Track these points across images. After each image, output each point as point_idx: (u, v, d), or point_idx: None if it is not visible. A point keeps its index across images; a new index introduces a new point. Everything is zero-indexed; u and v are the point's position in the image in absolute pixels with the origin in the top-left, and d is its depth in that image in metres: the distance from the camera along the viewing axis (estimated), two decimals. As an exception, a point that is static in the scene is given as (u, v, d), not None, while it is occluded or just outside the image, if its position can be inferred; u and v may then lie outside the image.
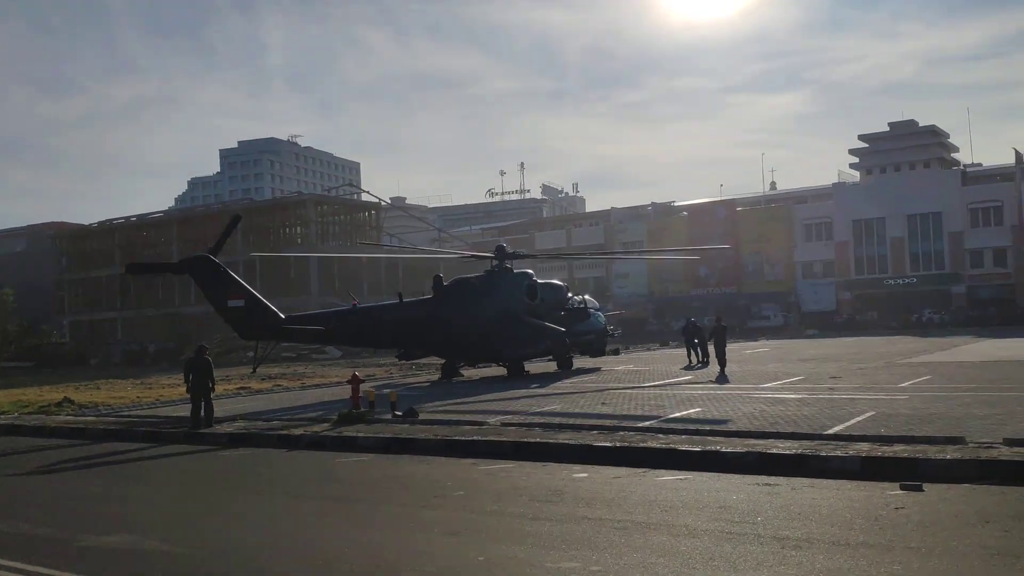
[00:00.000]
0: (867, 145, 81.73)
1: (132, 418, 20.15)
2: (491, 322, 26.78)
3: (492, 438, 13.57)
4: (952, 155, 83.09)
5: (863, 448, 10.92)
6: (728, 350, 26.69)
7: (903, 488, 9.23)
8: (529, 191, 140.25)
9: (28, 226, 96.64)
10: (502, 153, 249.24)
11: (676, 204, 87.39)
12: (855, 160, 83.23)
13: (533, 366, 29.76)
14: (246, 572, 7.41)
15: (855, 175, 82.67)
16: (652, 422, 14.35)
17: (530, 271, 29.69)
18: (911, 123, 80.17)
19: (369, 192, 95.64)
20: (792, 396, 17.53)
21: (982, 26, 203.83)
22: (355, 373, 19.03)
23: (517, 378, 26.31)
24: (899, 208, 68.52)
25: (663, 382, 22.99)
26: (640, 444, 12.18)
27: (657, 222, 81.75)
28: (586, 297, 32.11)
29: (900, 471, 9.89)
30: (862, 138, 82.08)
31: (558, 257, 64.61)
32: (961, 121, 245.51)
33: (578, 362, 30.66)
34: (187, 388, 17.71)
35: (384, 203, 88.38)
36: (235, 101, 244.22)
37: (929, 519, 8.00)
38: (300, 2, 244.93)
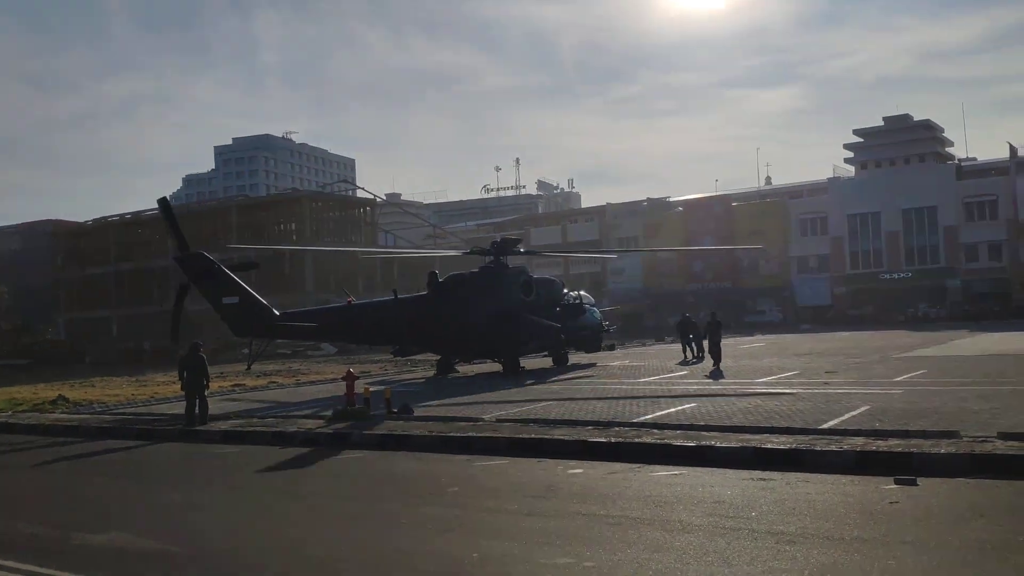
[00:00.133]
0: (862, 140, 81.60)
1: (126, 416, 20.11)
2: (486, 318, 26.76)
3: (487, 434, 13.57)
4: (947, 149, 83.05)
5: (858, 443, 10.93)
6: (723, 345, 26.75)
7: (898, 483, 9.25)
8: (525, 187, 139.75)
9: (23, 224, 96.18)
10: (497, 149, 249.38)
11: (671, 199, 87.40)
12: (850, 155, 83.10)
13: (529, 362, 29.76)
14: (239, 570, 7.39)
15: (850, 169, 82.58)
16: (647, 417, 14.36)
17: (525, 267, 29.70)
18: (906, 117, 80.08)
19: (364, 188, 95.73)
20: (787, 391, 17.54)
21: (976, 20, 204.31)
22: (350, 370, 19.02)
23: (513, 374, 26.30)
24: (894, 203, 68.62)
25: (658, 377, 23.01)
26: (635, 439, 12.18)
27: (653, 217, 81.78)
28: (581, 293, 32.12)
29: (895, 466, 9.90)
30: (857, 132, 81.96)
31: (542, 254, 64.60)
32: (956, 115, 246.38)
33: (573, 358, 30.67)
34: (181, 386, 17.74)
35: (379, 199, 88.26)
36: (230, 98, 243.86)
37: (923, 513, 8.01)
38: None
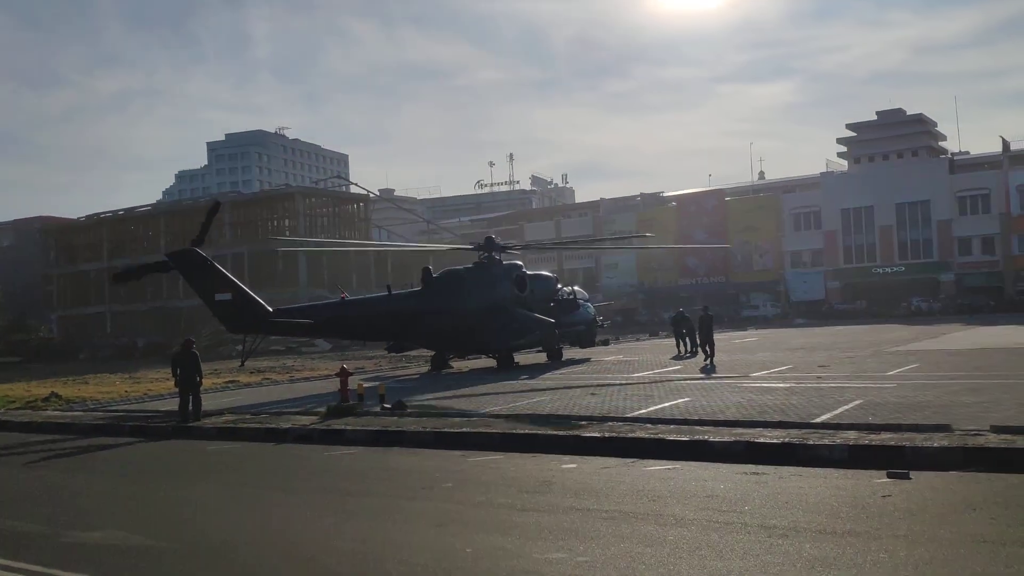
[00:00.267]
0: (855, 134, 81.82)
1: (120, 413, 20.08)
2: (480, 314, 26.76)
3: (481, 430, 13.56)
4: (940, 143, 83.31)
5: (850, 436, 10.95)
6: (716, 340, 26.76)
7: (890, 476, 9.27)
8: (518, 182, 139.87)
9: (15, 220, 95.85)
10: (491, 144, 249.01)
11: (665, 194, 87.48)
12: (843, 149, 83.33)
13: (523, 357, 29.75)
14: (233, 566, 7.38)
15: (843, 164, 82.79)
16: (640, 412, 14.38)
17: (519, 262, 29.68)
18: (899, 112, 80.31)
19: (357, 184, 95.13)
20: (780, 385, 17.57)
21: (969, 14, 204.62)
22: (344, 366, 18.99)
23: (507, 370, 26.31)
24: (887, 197, 68.77)
25: (652, 372, 23.03)
26: (628, 434, 12.18)
27: (646, 212, 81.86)
28: (575, 288, 32.17)
29: (887, 459, 9.92)
30: (850, 127, 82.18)
31: (542, 246, 64.61)
32: (949, 109, 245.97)
33: (568, 353, 30.70)
34: (175, 382, 17.69)
35: (373, 195, 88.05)
36: (221, 93, 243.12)
37: (916, 507, 8.03)
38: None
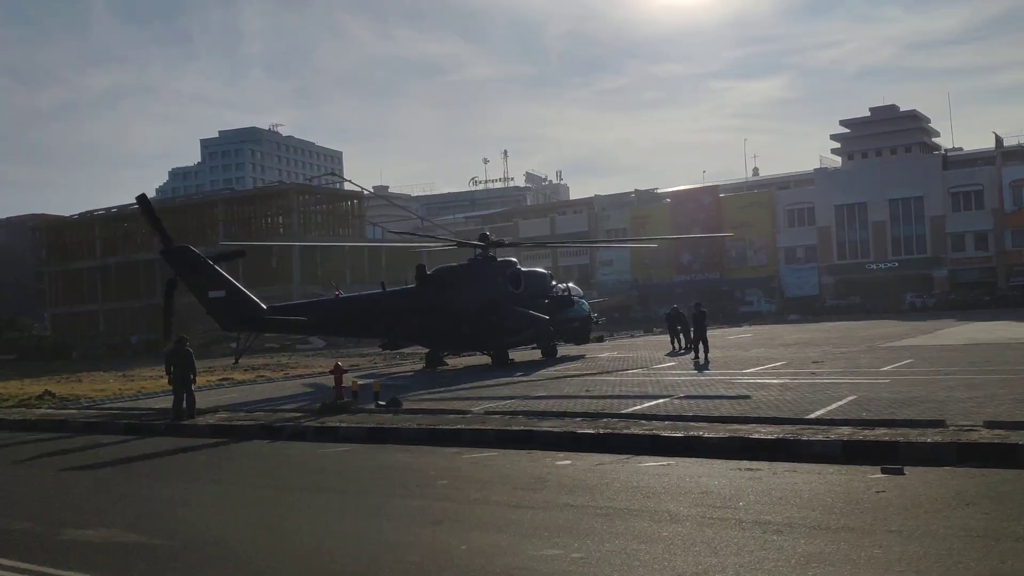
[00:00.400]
0: (848, 130, 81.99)
1: (113, 411, 20.01)
2: (475, 311, 26.73)
3: (475, 427, 13.56)
4: (933, 140, 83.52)
5: (844, 432, 10.97)
6: (710, 336, 26.80)
7: (884, 472, 9.28)
8: (513, 179, 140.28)
9: (7, 218, 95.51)
10: (485, 140, 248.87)
11: (659, 191, 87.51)
12: (837, 145, 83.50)
13: (517, 354, 29.74)
14: (227, 564, 7.35)
15: (837, 160, 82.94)
16: (635, 409, 14.38)
17: (514, 259, 29.66)
18: (892, 108, 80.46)
19: (351, 181, 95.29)
20: (774, 381, 17.59)
21: (960, 10, 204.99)
22: (338, 363, 18.97)
23: (501, 366, 26.30)
24: (881, 193, 68.88)
25: (647, 369, 23.04)
26: (623, 431, 12.19)
27: (641, 209, 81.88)
28: (570, 285, 32.13)
29: (881, 455, 9.94)
30: (843, 123, 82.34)
31: (542, 245, 64.64)
32: (941, 106, 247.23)
33: (562, 350, 30.70)
34: (168, 380, 17.65)
35: (367, 192, 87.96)
36: (214, 90, 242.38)
37: (910, 502, 8.04)
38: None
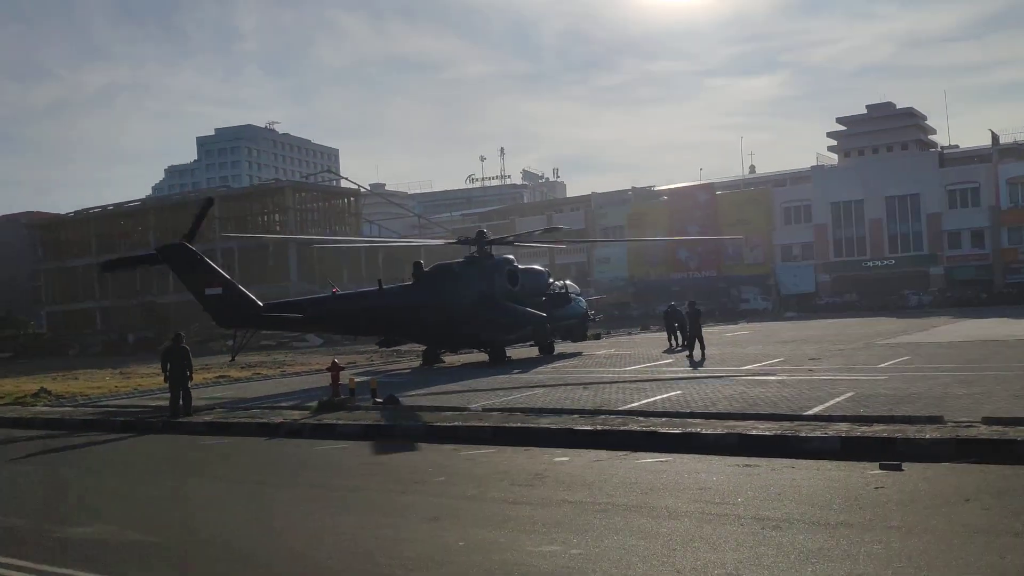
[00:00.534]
0: (845, 128, 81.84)
1: (110, 408, 19.95)
2: (472, 308, 26.70)
3: (473, 424, 13.52)
4: (930, 137, 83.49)
5: (842, 428, 10.96)
6: (708, 333, 26.83)
7: (883, 468, 9.27)
8: (510, 176, 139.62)
9: (2, 216, 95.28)
10: (481, 137, 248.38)
11: (656, 188, 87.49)
12: (833, 143, 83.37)
13: (515, 352, 29.74)
14: (224, 561, 7.33)
15: (833, 158, 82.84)
16: (633, 405, 14.36)
17: (511, 256, 29.63)
18: (888, 105, 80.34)
19: (348, 179, 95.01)
20: (772, 378, 17.58)
21: (957, 7, 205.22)
22: (335, 360, 18.94)
23: (499, 364, 26.27)
24: (877, 190, 68.96)
25: (644, 366, 23.02)
26: (621, 427, 12.18)
27: (638, 206, 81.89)
28: (567, 282, 32.10)
29: (879, 451, 9.94)
30: (840, 121, 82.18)
31: (539, 243, 64.62)
32: (938, 103, 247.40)
33: (559, 347, 30.68)
34: (165, 377, 17.61)
35: (363, 190, 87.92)
36: (209, 87, 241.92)
37: (909, 498, 8.03)
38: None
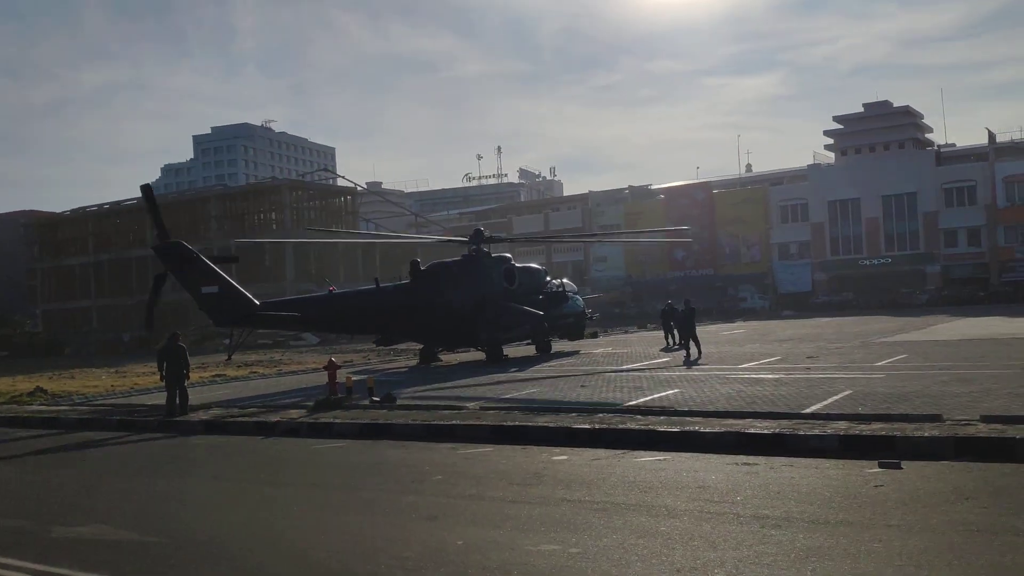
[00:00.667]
0: (842, 126, 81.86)
1: (106, 407, 19.91)
2: (469, 307, 26.68)
3: (471, 422, 13.50)
4: (926, 136, 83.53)
5: (841, 427, 10.95)
6: (704, 332, 26.83)
7: (881, 466, 9.26)
8: (507, 175, 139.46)
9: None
10: (479, 136, 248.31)
11: (653, 187, 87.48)
12: (830, 141, 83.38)
13: (512, 350, 29.70)
14: (221, 561, 7.29)
15: (830, 156, 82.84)
16: (631, 403, 14.35)
17: (508, 255, 29.61)
18: (885, 104, 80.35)
19: (345, 177, 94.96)
20: (769, 376, 17.58)
21: (954, 6, 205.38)
22: (332, 359, 18.89)
23: (496, 362, 26.25)
24: (874, 189, 69.00)
25: (641, 364, 23.01)
26: (619, 426, 12.15)
27: (634, 205, 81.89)
28: (564, 281, 32.07)
29: (878, 449, 9.93)
30: (837, 119, 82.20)
31: (535, 241, 64.72)
32: (935, 102, 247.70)
33: (557, 346, 30.65)
34: (161, 376, 17.56)
35: (360, 188, 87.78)
36: (207, 87, 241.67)
37: (908, 496, 8.02)
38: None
